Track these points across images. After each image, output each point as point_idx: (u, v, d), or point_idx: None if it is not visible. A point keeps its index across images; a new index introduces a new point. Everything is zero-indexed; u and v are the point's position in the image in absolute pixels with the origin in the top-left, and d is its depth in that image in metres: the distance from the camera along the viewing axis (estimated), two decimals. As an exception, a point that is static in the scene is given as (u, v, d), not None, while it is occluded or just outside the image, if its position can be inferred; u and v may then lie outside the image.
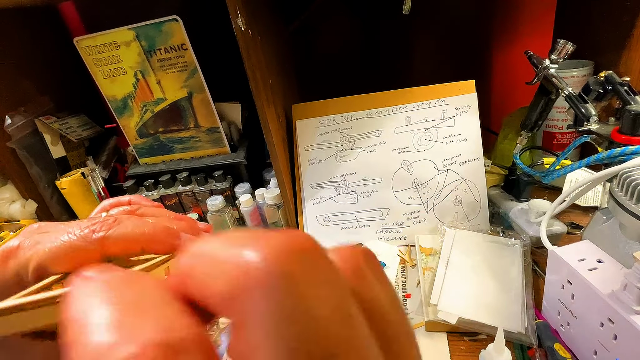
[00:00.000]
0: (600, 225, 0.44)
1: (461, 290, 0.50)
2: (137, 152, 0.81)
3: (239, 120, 0.81)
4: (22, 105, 0.75)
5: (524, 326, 0.44)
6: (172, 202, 0.79)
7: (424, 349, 0.46)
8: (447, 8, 0.83)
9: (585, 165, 0.44)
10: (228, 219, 0.75)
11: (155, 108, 0.74)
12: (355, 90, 0.68)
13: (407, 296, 0.54)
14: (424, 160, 0.65)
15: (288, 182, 0.69)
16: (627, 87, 0.46)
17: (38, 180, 0.76)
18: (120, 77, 0.70)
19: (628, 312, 0.33)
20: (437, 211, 0.64)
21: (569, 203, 0.48)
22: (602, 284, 0.36)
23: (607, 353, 0.36)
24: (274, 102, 0.63)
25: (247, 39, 0.53)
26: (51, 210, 0.80)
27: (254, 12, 0.56)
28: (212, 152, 0.79)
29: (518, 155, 0.60)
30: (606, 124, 0.47)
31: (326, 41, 0.89)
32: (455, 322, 0.45)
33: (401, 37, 0.87)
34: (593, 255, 0.40)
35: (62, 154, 0.80)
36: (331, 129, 0.69)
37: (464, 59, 0.87)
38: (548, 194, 0.71)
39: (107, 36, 0.66)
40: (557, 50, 0.52)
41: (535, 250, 0.58)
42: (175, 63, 0.68)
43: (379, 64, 0.90)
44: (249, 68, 0.56)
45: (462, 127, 0.63)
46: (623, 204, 0.38)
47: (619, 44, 0.64)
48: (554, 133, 0.75)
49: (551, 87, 0.53)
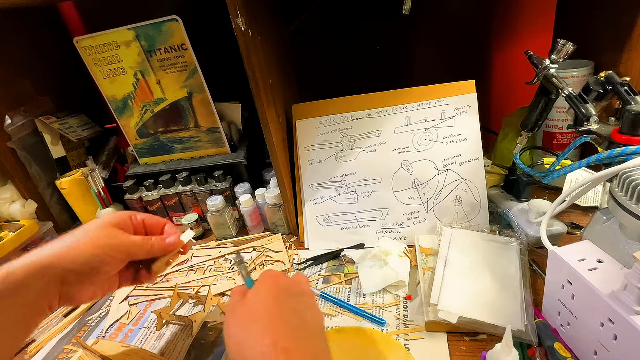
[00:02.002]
0: (600, 225, 0.44)
1: (461, 289, 0.50)
2: (137, 152, 0.81)
3: (238, 120, 0.81)
4: (22, 105, 0.75)
5: (524, 324, 0.44)
6: (172, 202, 0.79)
7: (424, 349, 0.46)
8: (447, 8, 0.83)
9: (585, 165, 0.44)
10: (228, 219, 0.75)
11: (155, 108, 0.74)
12: (355, 90, 0.68)
13: (408, 297, 0.54)
14: (423, 160, 0.65)
15: (288, 182, 0.69)
16: (627, 87, 0.46)
17: (38, 180, 0.76)
18: (120, 77, 0.70)
19: (628, 312, 0.33)
20: (437, 211, 0.64)
21: (569, 203, 0.48)
22: (602, 284, 0.36)
23: (607, 353, 0.36)
24: (274, 102, 0.63)
25: (247, 39, 0.53)
26: (51, 210, 0.80)
27: (254, 12, 0.56)
28: (212, 152, 0.79)
29: (518, 155, 0.60)
30: (606, 124, 0.47)
31: (326, 41, 0.89)
32: (455, 322, 0.45)
33: (401, 37, 0.87)
34: (593, 255, 0.40)
35: (62, 154, 0.80)
36: (331, 129, 0.69)
37: (464, 58, 0.87)
38: (548, 194, 0.72)
39: (107, 36, 0.66)
40: (557, 50, 0.52)
41: (535, 250, 0.58)
42: (175, 63, 0.68)
43: (379, 64, 0.90)
44: (249, 68, 0.56)
45: (461, 127, 0.63)
46: (623, 204, 0.38)
47: (619, 44, 0.64)
48: (554, 133, 0.75)
49: (551, 87, 0.53)
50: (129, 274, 0.43)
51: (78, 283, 0.36)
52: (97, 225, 0.38)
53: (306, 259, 0.66)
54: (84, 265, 0.35)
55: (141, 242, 0.40)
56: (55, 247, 0.35)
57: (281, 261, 0.67)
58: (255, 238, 0.75)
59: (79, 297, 0.37)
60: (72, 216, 0.82)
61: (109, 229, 0.38)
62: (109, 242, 0.37)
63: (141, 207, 0.81)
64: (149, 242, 0.41)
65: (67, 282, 0.35)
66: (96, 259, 0.36)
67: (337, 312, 0.54)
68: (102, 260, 0.36)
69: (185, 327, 0.56)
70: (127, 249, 0.38)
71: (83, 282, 0.36)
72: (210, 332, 0.55)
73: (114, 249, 0.37)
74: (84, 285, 0.36)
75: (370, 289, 0.56)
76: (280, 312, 0.32)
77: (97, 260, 0.36)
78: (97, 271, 0.36)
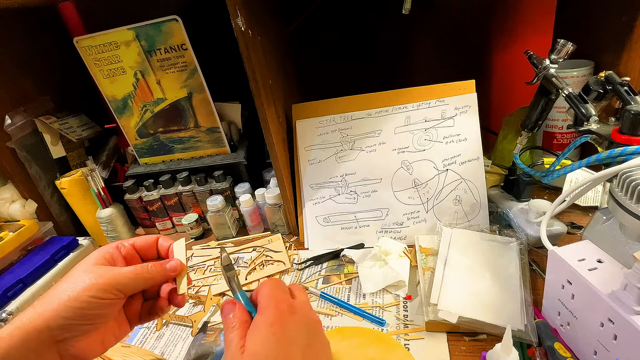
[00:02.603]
0: (600, 225, 0.44)
1: (460, 289, 0.50)
2: (137, 152, 0.81)
3: (238, 120, 0.81)
4: (22, 105, 0.75)
5: (524, 324, 0.44)
6: (172, 202, 0.79)
7: (424, 349, 0.46)
8: (447, 8, 0.83)
9: (585, 165, 0.44)
10: (228, 219, 0.75)
11: (155, 108, 0.74)
12: (355, 90, 0.68)
13: (408, 297, 0.54)
14: (423, 160, 0.65)
15: (288, 182, 0.69)
16: (627, 87, 0.46)
17: (38, 180, 0.76)
18: (120, 77, 0.70)
19: (628, 312, 0.33)
20: (436, 211, 0.64)
21: (569, 203, 0.48)
22: (602, 284, 0.36)
23: (607, 353, 0.36)
24: (274, 102, 0.63)
25: (247, 39, 0.53)
26: (51, 210, 0.80)
27: (254, 12, 0.56)
28: (212, 152, 0.79)
29: (518, 155, 0.60)
30: (606, 124, 0.47)
31: (326, 41, 0.89)
32: (455, 322, 0.45)
33: (401, 37, 0.87)
34: (593, 255, 0.40)
35: (62, 154, 0.80)
36: (331, 129, 0.69)
37: (464, 58, 0.87)
38: (548, 194, 0.71)
39: (107, 36, 0.66)
40: (557, 50, 0.52)
41: (535, 250, 0.58)
42: (175, 63, 0.68)
43: (379, 64, 0.90)
44: (249, 68, 0.56)
45: (461, 127, 0.63)
46: (623, 204, 0.38)
47: (619, 44, 0.64)
48: (554, 133, 0.75)
49: (551, 87, 0.53)
50: (137, 308, 0.38)
51: (79, 336, 0.32)
52: (79, 271, 0.34)
53: (306, 259, 0.66)
54: (75, 318, 0.31)
55: (134, 274, 0.35)
56: (37, 307, 0.31)
57: (281, 261, 0.67)
58: (255, 238, 0.75)
59: (85, 351, 0.33)
60: (72, 216, 0.82)
61: (92, 271, 0.34)
62: (96, 283, 0.32)
63: (141, 207, 0.81)
64: (145, 271, 0.36)
65: (63, 340, 0.31)
66: (87, 306, 0.32)
67: (337, 312, 0.54)
68: (94, 305, 0.32)
69: (185, 327, 0.56)
70: (117, 285, 0.33)
71: (85, 334, 0.32)
72: (210, 332, 0.55)
73: (102, 290, 0.32)
74: (88, 337, 0.33)
75: (370, 289, 0.56)
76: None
77: (88, 307, 0.32)
78: (95, 319, 0.33)
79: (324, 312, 0.55)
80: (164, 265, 0.37)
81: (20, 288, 0.62)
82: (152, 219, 0.82)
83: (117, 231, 0.78)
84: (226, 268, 0.36)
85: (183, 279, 0.38)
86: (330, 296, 0.57)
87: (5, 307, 0.59)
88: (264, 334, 0.29)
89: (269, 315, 0.30)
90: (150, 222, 0.83)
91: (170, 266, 0.37)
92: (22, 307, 0.60)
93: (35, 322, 0.30)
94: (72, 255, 0.72)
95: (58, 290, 0.32)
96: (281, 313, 0.30)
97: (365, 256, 0.61)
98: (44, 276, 0.66)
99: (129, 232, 0.80)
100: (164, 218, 0.82)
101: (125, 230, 0.79)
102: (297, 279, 0.63)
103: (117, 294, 0.33)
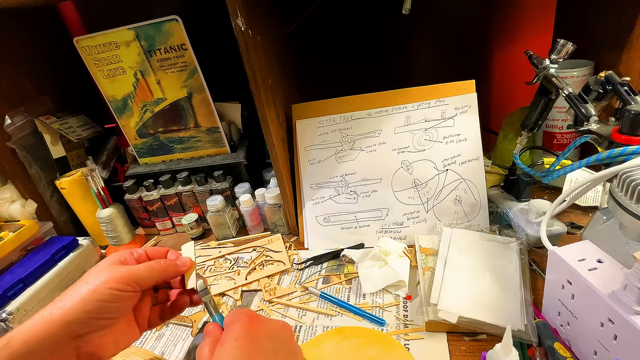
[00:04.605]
0: (600, 225, 0.44)
1: (460, 289, 0.50)
2: (137, 152, 0.81)
3: (238, 120, 0.81)
4: (22, 105, 0.75)
5: (524, 324, 0.44)
6: (172, 202, 0.79)
7: (424, 349, 0.46)
8: (447, 8, 0.83)
9: (585, 165, 0.44)
10: (228, 219, 0.75)
11: (155, 108, 0.74)
12: (355, 90, 0.68)
13: (408, 298, 0.54)
14: (423, 160, 0.65)
15: (288, 182, 0.69)
16: (627, 87, 0.46)
17: (38, 180, 0.76)
18: (120, 77, 0.70)
19: (628, 312, 0.33)
20: (436, 211, 0.64)
21: (569, 203, 0.48)
22: (602, 284, 0.36)
23: (607, 353, 0.36)
24: (274, 102, 0.63)
25: (247, 39, 0.53)
26: (51, 210, 0.80)
27: (254, 12, 0.56)
28: (212, 152, 0.79)
29: (518, 155, 0.60)
30: (606, 124, 0.47)
31: (326, 41, 0.89)
32: (455, 322, 0.45)
33: (401, 37, 0.87)
34: (593, 255, 0.40)
35: (62, 154, 0.80)
36: (331, 129, 0.69)
37: (464, 58, 0.87)
38: (548, 194, 0.72)
39: (107, 36, 0.66)
40: (557, 50, 0.52)
41: (535, 250, 0.58)
42: (175, 63, 0.68)
43: (379, 64, 0.90)
44: (249, 68, 0.56)
45: (461, 127, 0.63)
46: (623, 204, 0.38)
47: (619, 44, 0.64)
48: (554, 133, 0.75)
49: (551, 87, 0.53)
50: (145, 314, 0.40)
51: (96, 332, 0.33)
52: (96, 270, 0.36)
53: (306, 259, 0.66)
54: (94, 311, 0.33)
55: (148, 267, 0.37)
56: (58, 302, 0.33)
57: (281, 261, 0.67)
58: (255, 238, 0.75)
59: (100, 351, 0.34)
60: (72, 216, 0.82)
61: (109, 268, 0.36)
62: (113, 277, 0.34)
63: (141, 207, 0.81)
64: (159, 265, 0.38)
65: (81, 336, 0.33)
66: (106, 298, 0.33)
67: (337, 312, 0.54)
68: (113, 297, 0.34)
69: (185, 327, 0.56)
70: (133, 277, 0.35)
71: (102, 329, 0.34)
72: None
73: (119, 282, 0.34)
74: (102, 335, 0.34)
75: (370, 289, 0.56)
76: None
77: (108, 300, 0.33)
78: (113, 312, 0.34)
79: (324, 312, 0.55)
80: (175, 261, 0.40)
81: (21, 288, 0.62)
82: (152, 219, 0.82)
83: (117, 231, 0.78)
84: (201, 293, 0.39)
85: (192, 275, 0.41)
86: (330, 296, 0.57)
87: (5, 307, 0.59)
88: (230, 347, 0.31)
89: (234, 329, 0.32)
90: (150, 222, 0.83)
91: (181, 262, 0.41)
92: (22, 307, 0.60)
93: (55, 315, 0.32)
94: (72, 255, 0.72)
95: (78, 286, 0.34)
96: (245, 326, 0.33)
97: (365, 256, 0.61)
98: (44, 276, 0.65)
99: (129, 232, 0.80)
100: (164, 218, 0.82)
101: (125, 230, 0.79)
102: (297, 279, 0.63)
103: (134, 287, 0.36)
